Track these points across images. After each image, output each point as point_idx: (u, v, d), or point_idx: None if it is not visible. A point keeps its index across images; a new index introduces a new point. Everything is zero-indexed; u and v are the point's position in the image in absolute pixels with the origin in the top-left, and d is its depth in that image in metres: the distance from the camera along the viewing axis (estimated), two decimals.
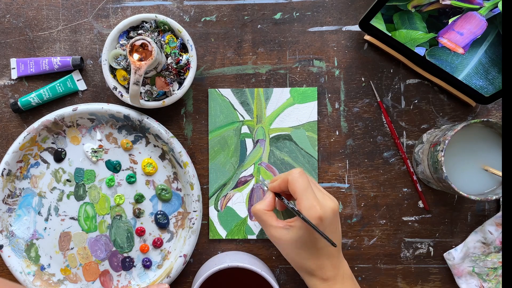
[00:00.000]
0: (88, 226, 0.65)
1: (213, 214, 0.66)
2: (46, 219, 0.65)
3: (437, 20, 0.59)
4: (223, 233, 0.66)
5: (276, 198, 0.59)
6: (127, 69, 0.62)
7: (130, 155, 0.65)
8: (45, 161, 0.65)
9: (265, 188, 0.64)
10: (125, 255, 0.65)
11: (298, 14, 0.66)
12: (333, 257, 0.55)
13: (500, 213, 0.64)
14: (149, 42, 0.56)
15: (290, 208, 0.55)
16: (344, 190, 0.66)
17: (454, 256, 0.64)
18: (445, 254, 0.65)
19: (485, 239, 0.64)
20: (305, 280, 0.57)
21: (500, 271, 0.63)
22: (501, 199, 0.64)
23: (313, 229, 0.52)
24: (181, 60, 0.62)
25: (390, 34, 0.61)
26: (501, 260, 0.63)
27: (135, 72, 0.56)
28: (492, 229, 0.63)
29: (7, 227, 0.64)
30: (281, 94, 0.66)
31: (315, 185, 0.57)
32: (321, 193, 0.56)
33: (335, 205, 0.55)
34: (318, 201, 0.54)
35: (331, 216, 0.54)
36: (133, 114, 0.63)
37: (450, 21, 0.58)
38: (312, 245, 0.54)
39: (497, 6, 0.56)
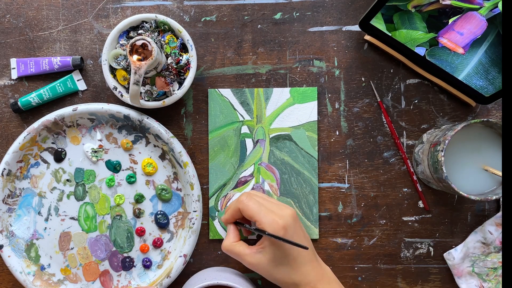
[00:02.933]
0: (88, 226, 0.65)
1: (213, 214, 0.66)
2: (46, 219, 0.65)
3: (437, 20, 0.59)
4: (223, 233, 0.66)
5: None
6: (127, 69, 0.62)
7: (130, 155, 0.65)
8: (45, 161, 0.65)
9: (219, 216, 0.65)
10: (125, 255, 0.65)
11: (298, 14, 0.66)
12: (312, 262, 0.56)
13: (500, 213, 0.64)
14: (149, 42, 0.56)
15: (254, 230, 0.56)
16: (344, 190, 0.66)
17: (454, 256, 0.64)
18: (445, 254, 0.65)
19: (485, 239, 0.64)
20: None
21: (500, 271, 0.63)
22: (501, 199, 0.64)
23: (282, 241, 0.52)
24: (181, 60, 0.62)
25: (390, 34, 0.61)
26: (501, 260, 0.63)
27: (135, 72, 0.56)
28: (492, 229, 0.63)
29: (7, 227, 0.64)
30: (281, 94, 0.66)
31: (267, 200, 0.58)
32: (275, 205, 0.57)
33: (292, 212, 0.56)
34: (275, 214, 0.55)
35: (293, 222, 0.55)
36: (133, 114, 0.63)
37: (450, 21, 0.58)
38: (288, 257, 0.55)
39: (497, 6, 0.56)
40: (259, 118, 0.66)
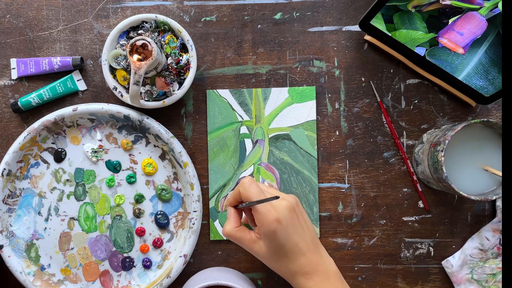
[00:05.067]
0: (88, 226, 0.65)
1: (213, 215, 0.66)
2: (46, 219, 0.65)
3: (437, 20, 0.59)
4: None
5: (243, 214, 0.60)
6: (127, 69, 0.62)
7: (130, 155, 0.65)
8: (45, 161, 0.65)
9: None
10: (125, 255, 0.65)
11: (298, 14, 0.66)
12: (310, 252, 0.55)
13: (496, 219, 0.64)
14: (149, 42, 0.56)
15: (248, 205, 0.55)
16: (344, 190, 0.66)
17: (452, 263, 0.64)
18: (443, 262, 0.65)
19: (482, 246, 0.64)
20: (291, 283, 0.56)
21: (499, 277, 0.63)
22: (496, 204, 0.64)
23: (260, 202, 0.52)
24: (181, 60, 0.62)
25: (390, 34, 0.61)
26: (499, 266, 0.63)
27: (135, 72, 0.56)
28: (489, 235, 0.63)
29: (7, 227, 0.64)
30: (279, 94, 0.66)
31: (268, 189, 0.58)
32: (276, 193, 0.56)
33: (288, 203, 0.55)
34: (272, 205, 0.54)
35: (288, 214, 0.54)
36: (133, 114, 0.63)
37: (450, 21, 0.58)
38: (283, 249, 0.54)
39: (497, 6, 0.56)
40: (258, 118, 0.66)
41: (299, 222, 0.55)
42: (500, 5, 0.56)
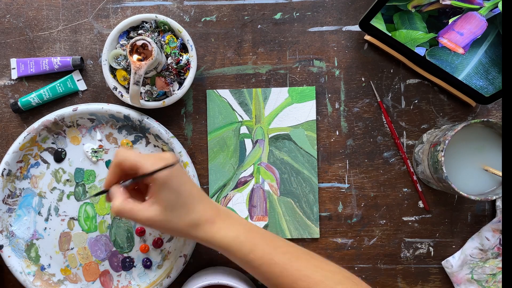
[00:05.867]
0: (88, 226, 0.65)
1: None
2: (46, 219, 0.65)
3: (437, 20, 0.59)
4: None
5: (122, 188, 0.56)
6: (127, 69, 0.62)
7: None
8: (45, 161, 0.65)
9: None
10: (125, 255, 0.65)
11: (298, 14, 0.66)
12: (205, 199, 0.54)
13: (496, 219, 0.64)
14: (149, 42, 0.56)
15: (137, 179, 0.53)
16: (344, 190, 0.66)
17: (452, 264, 0.64)
18: (443, 262, 0.65)
19: (482, 246, 0.64)
20: (198, 237, 0.54)
21: (499, 277, 0.63)
22: (496, 204, 0.64)
23: (151, 174, 0.50)
24: (181, 60, 0.62)
25: (390, 34, 0.61)
26: (499, 266, 0.63)
27: (135, 72, 0.56)
28: (489, 235, 0.63)
29: (7, 227, 0.64)
30: (279, 94, 0.66)
31: (146, 154, 0.56)
32: (154, 154, 0.55)
33: (172, 153, 0.54)
34: (156, 157, 0.52)
35: (175, 161, 0.53)
36: (133, 114, 0.63)
37: (450, 21, 0.58)
38: (180, 197, 0.52)
39: (497, 6, 0.56)
40: (258, 118, 0.66)
41: (186, 171, 0.55)
42: (500, 5, 0.56)
